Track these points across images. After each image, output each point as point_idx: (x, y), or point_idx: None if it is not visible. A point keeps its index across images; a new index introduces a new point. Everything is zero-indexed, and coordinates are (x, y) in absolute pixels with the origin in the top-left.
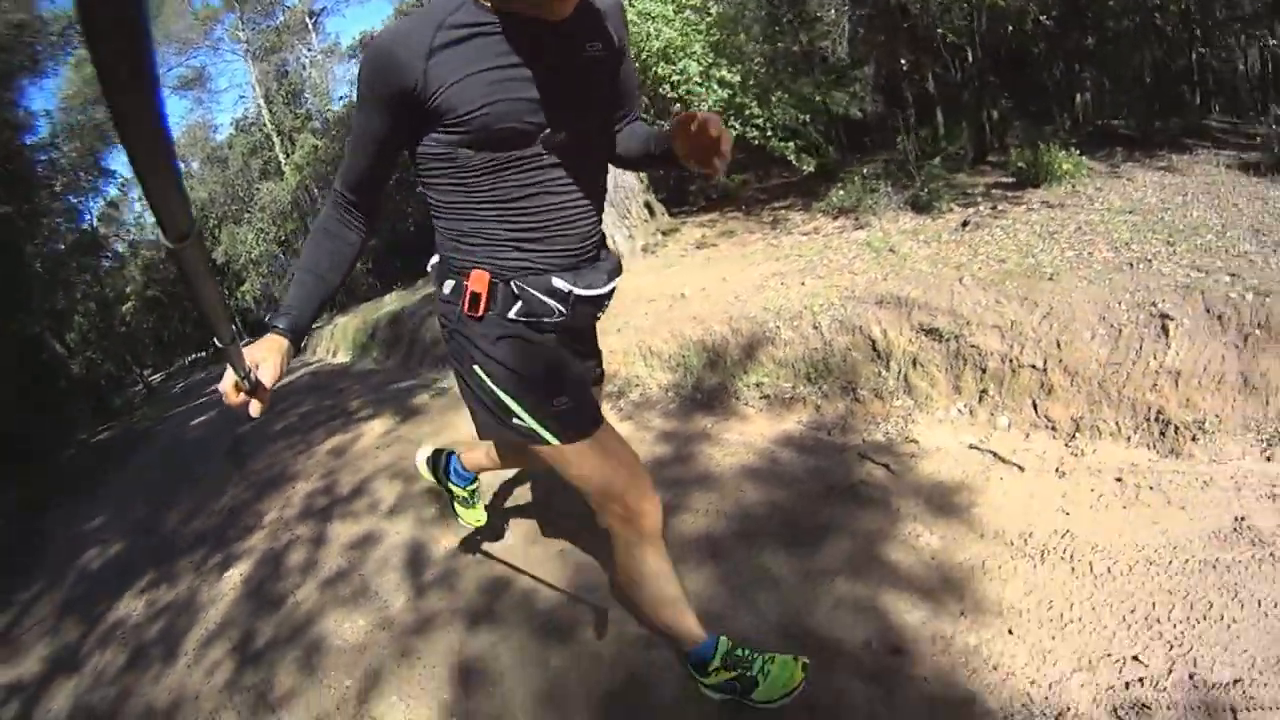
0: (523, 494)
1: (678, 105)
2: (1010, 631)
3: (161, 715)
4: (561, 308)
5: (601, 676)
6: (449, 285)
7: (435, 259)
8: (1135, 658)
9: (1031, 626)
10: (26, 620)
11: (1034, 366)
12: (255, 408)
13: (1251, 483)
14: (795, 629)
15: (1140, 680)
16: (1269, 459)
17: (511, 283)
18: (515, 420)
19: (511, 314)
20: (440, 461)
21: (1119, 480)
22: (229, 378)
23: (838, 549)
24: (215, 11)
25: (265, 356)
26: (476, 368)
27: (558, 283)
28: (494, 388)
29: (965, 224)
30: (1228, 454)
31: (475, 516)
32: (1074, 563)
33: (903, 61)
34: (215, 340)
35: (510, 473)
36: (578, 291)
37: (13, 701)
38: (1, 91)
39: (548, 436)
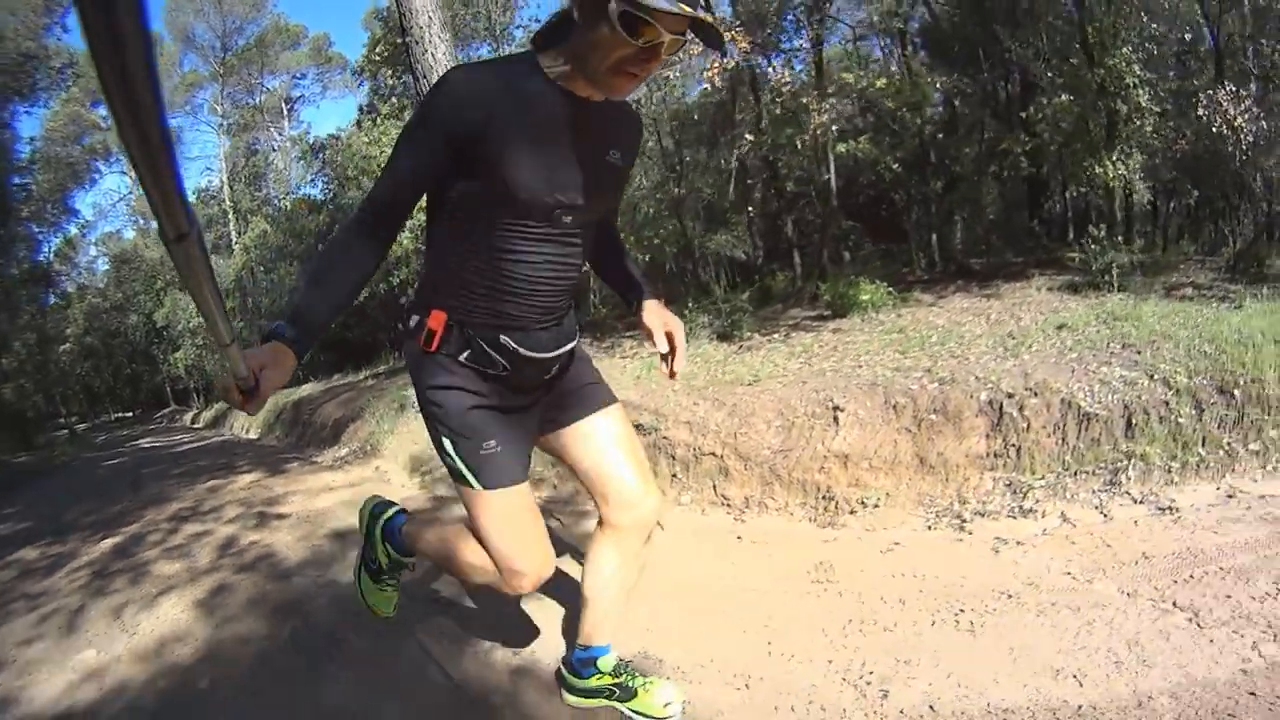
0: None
1: None
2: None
3: (34, 597)
4: (505, 363)
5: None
6: (414, 320)
7: (408, 303)
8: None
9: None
10: None
11: (714, 454)
12: (249, 409)
13: (868, 538)
14: None
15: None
16: (930, 529)
17: (465, 329)
18: (447, 456)
19: (461, 357)
20: (565, 674)
21: (738, 538)
22: (230, 376)
23: None
24: (200, 79)
25: (268, 363)
26: (424, 402)
27: (504, 339)
28: (436, 425)
29: (740, 348)
30: (885, 523)
31: (658, 701)
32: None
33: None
34: (214, 338)
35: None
36: (521, 351)
37: None
38: None
39: (470, 478)
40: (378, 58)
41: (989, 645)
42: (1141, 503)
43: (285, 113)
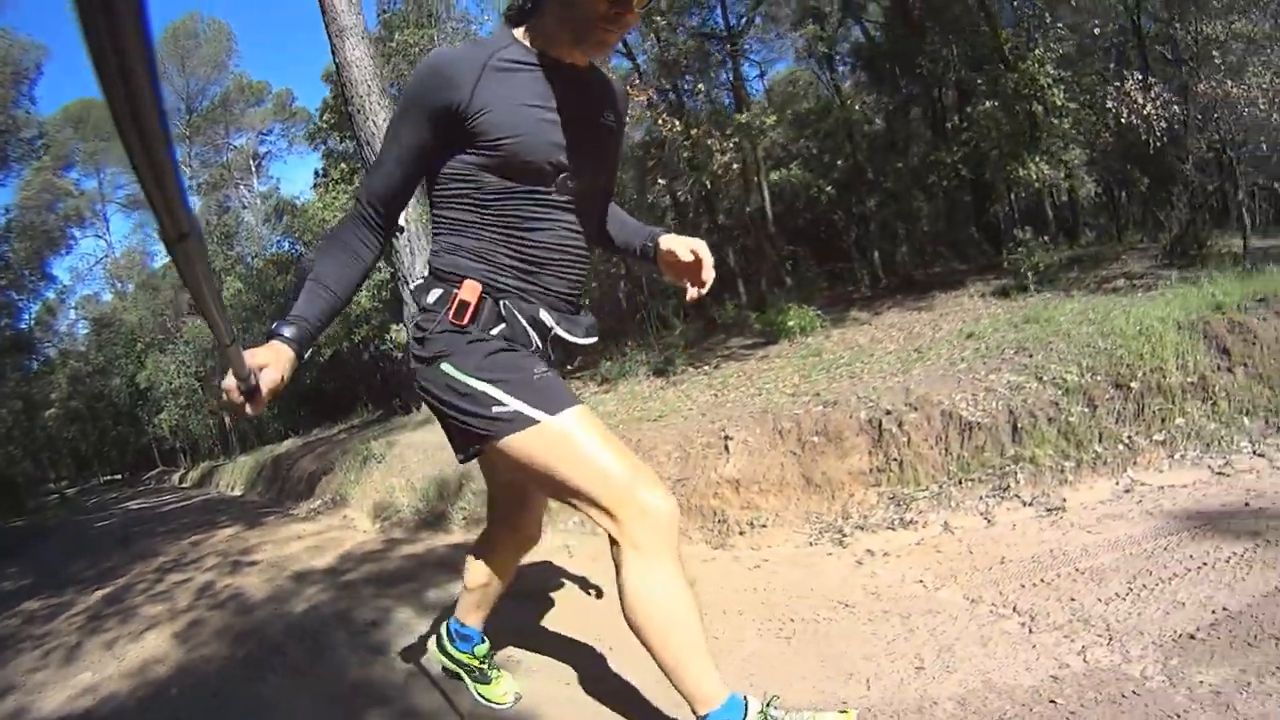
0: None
1: None
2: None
3: (39, 638)
4: (539, 341)
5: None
6: (435, 294)
7: (419, 281)
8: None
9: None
10: None
11: None
12: (251, 409)
13: (745, 556)
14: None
15: None
16: (811, 544)
17: (501, 303)
18: (497, 409)
19: (493, 332)
20: (444, 635)
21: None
22: (231, 377)
23: (409, 588)
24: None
25: (269, 363)
26: (449, 366)
27: (544, 316)
28: (469, 379)
29: (669, 383)
30: (770, 541)
31: (500, 691)
32: None
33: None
34: (215, 339)
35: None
36: (558, 331)
37: None
38: None
39: (533, 413)
40: (325, 124)
41: (800, 651)
42: (1031, 505)
43: (254, 169)
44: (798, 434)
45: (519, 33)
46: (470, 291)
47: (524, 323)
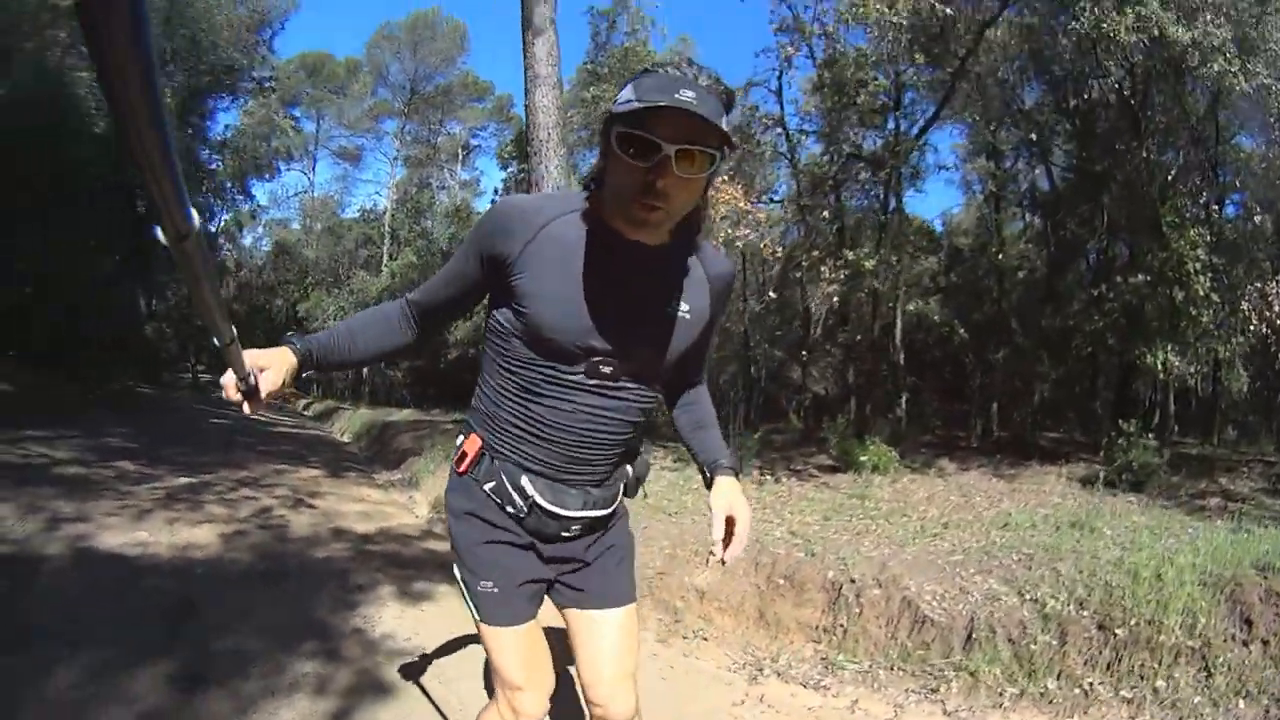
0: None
1: None
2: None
3: (122, 494)
4: (523, 505)
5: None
6: (459, 440)
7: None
8: None
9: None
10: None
11: None
12: (248, 408)
13: (662, 657)
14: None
15: None
16: (730, 670)
17: (495, 460)
18: (456, 580)
19: (486, 486)
20: None
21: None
22: (231, 375)
23: (405, 573)
24: (387, 109)
25: (269, 365)
26: (451, 524)
27: (525, 482)
28: (452, 548)
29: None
30: (699, 653)
31: None
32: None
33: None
34: (215, 338)
35: None
36: (539, 500)
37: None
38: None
39: (471, 609)
40: (508, 154)
41: None
42: (949, 716)
43: (460, 157)
44: (769, 572)
45: (590, 200)
46: (472, 444)
47: (508, 485)
